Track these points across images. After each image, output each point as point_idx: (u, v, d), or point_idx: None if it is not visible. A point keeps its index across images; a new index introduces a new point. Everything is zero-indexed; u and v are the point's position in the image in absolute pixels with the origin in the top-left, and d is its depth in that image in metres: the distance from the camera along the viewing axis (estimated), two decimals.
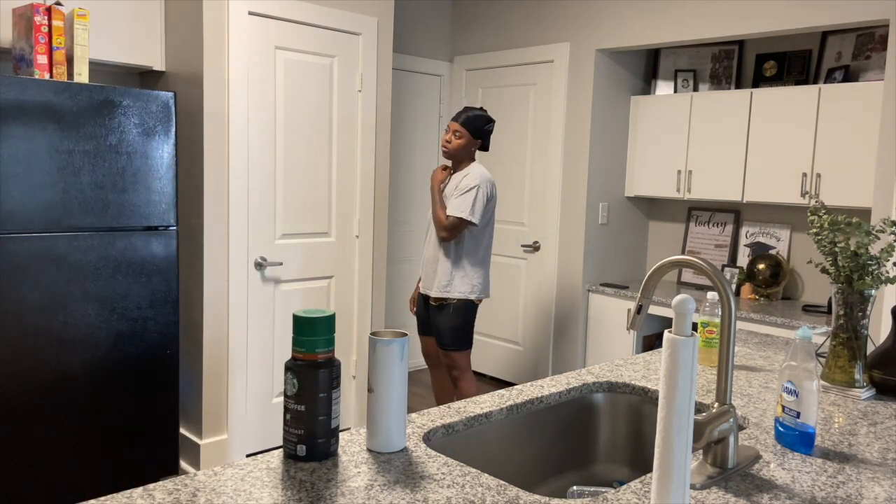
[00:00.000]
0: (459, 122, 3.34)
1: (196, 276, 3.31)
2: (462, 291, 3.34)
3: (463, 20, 5.04)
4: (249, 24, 3.32)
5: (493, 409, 1.59)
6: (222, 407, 3.38)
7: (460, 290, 3.34)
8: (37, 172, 2.64)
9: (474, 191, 3.27)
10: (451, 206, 3.29)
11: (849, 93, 3.55)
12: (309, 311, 1.29)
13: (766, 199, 3.88)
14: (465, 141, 3.33)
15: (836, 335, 1.79)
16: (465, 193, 3.27)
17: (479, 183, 3.29)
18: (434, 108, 5.09)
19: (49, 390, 2.73)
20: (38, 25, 2.73)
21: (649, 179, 4.44)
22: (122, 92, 2.85)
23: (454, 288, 3.33)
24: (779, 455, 1.39)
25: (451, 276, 3.33)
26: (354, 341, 3.87)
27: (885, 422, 1.62)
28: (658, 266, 1.32)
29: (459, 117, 3.35)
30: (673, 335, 1.08)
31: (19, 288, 2.63)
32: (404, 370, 1.33)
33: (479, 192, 3.28)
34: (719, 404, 1.31)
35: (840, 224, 1.73)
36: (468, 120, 3.34)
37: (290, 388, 1.27)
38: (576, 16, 4.39)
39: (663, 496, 1.07)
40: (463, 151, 3.35)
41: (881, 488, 1.25)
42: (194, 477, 1.20)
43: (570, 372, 1.92)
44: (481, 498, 1.16)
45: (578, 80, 4.38)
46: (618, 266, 4.64)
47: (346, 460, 1.29)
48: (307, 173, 3.59)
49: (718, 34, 3.82)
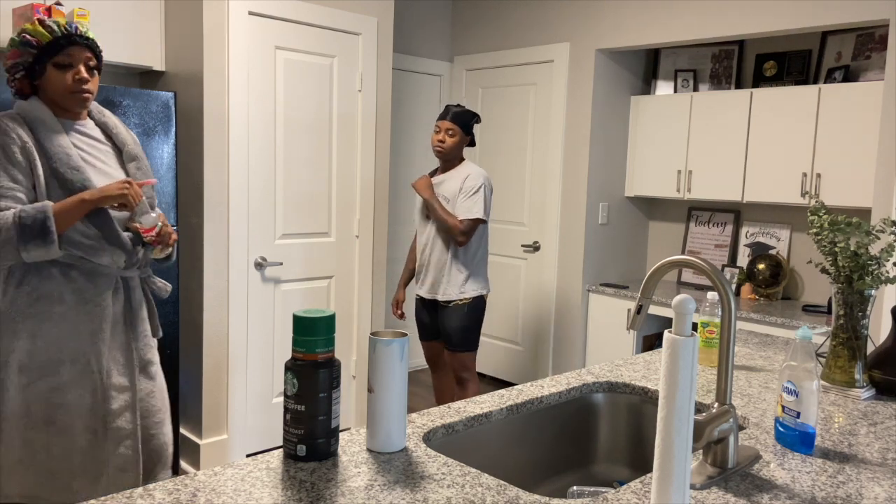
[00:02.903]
0: (449, 120, 3.29)
1: (196, 276, 3.31)
2: (475, 289, 3.34)
3: (463, 20, 5.04)
4: (249, 24, 3.32)
5: (493, 409, 1.59)
6: (222, 407, 3.38)
7: (473, 288, 3.34)
8: None
9: (481, 190, 3.27)
10: (463, 209, 3.26)
11: (849, 93, 3.55)
12: (309, 311, 1.29)
13: (766, 199, 3.88)
14: (458, 139, 3.31)
15: (836, 335, 1.79)
16: (475, 194, 3.26)
17: (483, 182, 3.29)
18: (434, 108, 5.09)
19: None
20: None
21: (649, 179, 4.44)
22: (122, 92, 2.85)
23: (468, 287, 3.33)
24: (779, 455, 1.39)
25: (465, 276, 3.32)
26: (354, 341, 3.87)
27: (885, 422, 1.62)
28: (658, 266, 1.32)
29: (447, 115, 3.30)
30: (673, 335, 1.08)
31: None
32: (404, 370, 1.33)
33: (484, 189, 3.29)
34: (719, 404, 1.31)
35: (840, 224, 1.73)
36: (457, 116, 3.30)
37: (290, 388, 1.27)
38: (576, 16, 4.39)
39: (663, 496, 1.07)
40: (457, 149, 3.33)
41: (881, 488, 1.25)
42: (194, 477, 1.20)
43: (570, 372, 1.92)
44: (481, 498, 1.16)
45: (578, 80, 4.38)
46: (618, 266, 4.64)
47: (346, 460, 1.29)
48: (307, 173, 3.59)
49: (718, 34, 3.82)
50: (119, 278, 2.02)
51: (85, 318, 1.94)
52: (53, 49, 1.91)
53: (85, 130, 2.02)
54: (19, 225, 1.79)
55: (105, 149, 2.05)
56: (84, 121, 2.04)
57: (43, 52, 1.91)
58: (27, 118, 1.91)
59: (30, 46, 1.90)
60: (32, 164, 1.86)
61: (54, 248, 1.84)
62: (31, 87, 1.97)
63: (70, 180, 1.89)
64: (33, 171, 1.86)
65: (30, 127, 1.89)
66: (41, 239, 1.80)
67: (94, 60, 1.98)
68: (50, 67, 1.92)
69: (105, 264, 1.95)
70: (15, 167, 1.84)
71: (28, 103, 1.94)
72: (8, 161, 1.83)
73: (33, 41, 1.90)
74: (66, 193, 1.88)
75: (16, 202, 1.83)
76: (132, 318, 2.06)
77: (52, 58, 1.91)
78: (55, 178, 1.88)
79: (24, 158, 1.85)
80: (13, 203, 1.83)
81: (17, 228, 1.78)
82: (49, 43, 1.90)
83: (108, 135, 2.10)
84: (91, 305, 1.95)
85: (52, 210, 1.82)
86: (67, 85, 1.93)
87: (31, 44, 1.90)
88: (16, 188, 1.84)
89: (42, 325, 1.91)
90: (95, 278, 1.96)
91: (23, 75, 1.94)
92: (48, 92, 1.94)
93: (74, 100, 1.95)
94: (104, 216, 1.92)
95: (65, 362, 1.93)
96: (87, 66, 1.96)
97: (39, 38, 1.90)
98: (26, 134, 1.87)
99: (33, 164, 1.86)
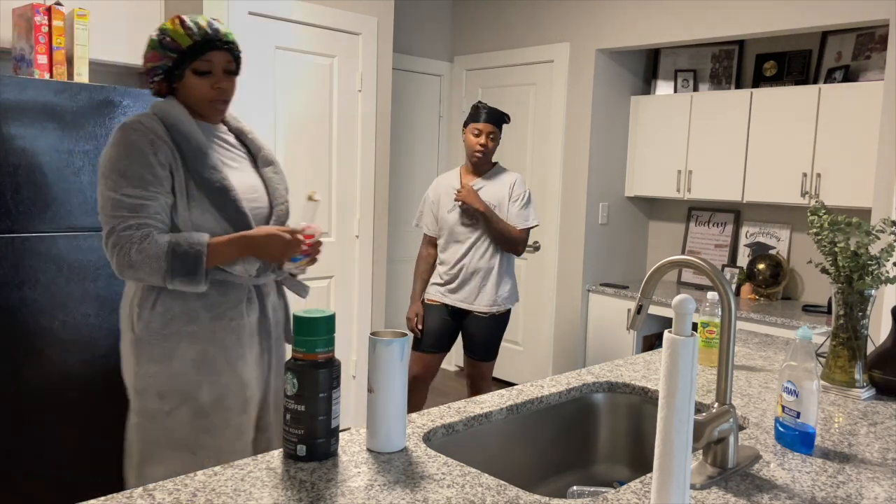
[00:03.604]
0: (493, 124, 3.17)
1: None
2: (515, 298, 3.30)
3: (463, 20, 5.04)
4: (249, 24, 3.32)
5: (493, 409, 1.59)
6: None
7: (514, 296, 3.29)
8: (37, 172, 2.64)
9: (528, 195, 3.24)
10: (521, 217, 3.19)
11: (849, 93, 3.55)
12: (309, 311, 1.29)
13: (766, 199, 3.88)
14: (498, 141, 3.24)
15: (836, 335, 1.79)
16: (527, 202, 3.22)
17: (527, 187, 3.26)
18: (434, 108, 5.09)
19: (49, 390, 2.73)
20: (38, 25, 2.73)
21: (649, 179, 4.44)
22: (122, 92, 2.85)
23: (511, 296, 3.28)
24: (779, 455, 1.39)
25: (510, 285, 3.27)
26: (354, 341, 3.87)
27: (885, 422, 1.62)
28: (658, 266, 1.32)
29: (491, 117, 3.16)
30: (673, 335, 1.08)
31: (19, 288, 2.63)
32: (404, 370, 1.33)
33: (531, 194, 3.25)
34: (719, 404, 1.31)
35: (840, 224, 1.73)
36: (498, 118, 3.19)
37: (290, 388, 1.27)
38: (576, 16, 4.39)
39: (663, 496, 1.07)
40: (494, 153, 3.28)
41: (881, 488, 1.25)
42: (194, 477, 1.20)
43: (570, 372, 1.92)
44: (481, 498, 1.16)
45: (578, 80, 4.38)
46: (618, 266, 4.64)
47: (346, 460, 1.29)
48: (307, 173, 3.59)
49: (718, 34, 3.82)
50: (251, 287, 1.91)
51: (220, 336, 1.84)
52: (193, 54, 1.80)
53: (220, 134, 1.94)
54: (171, 257, 1.71)
55: (240, 153, 1.98)
56: (219, 125, 1.97)
57: (183, 57, 1.80)
58: (164, 118, 1.81)
59: (169, 50, 1.80)
60: (172, 166, 1.77)
61: (200, 287, 1.75)
62: (169, 89, 1.88)
63: (208, 179, 1.79)
64: (173, 172, 1.77)
65: (166, 127, 1.80)
66: (191, 276, 1.72)
67: (233, 63, 1.88)
68: (189, 73, 1.82)
69: (237, 273, 1.85)
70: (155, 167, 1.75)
71: (165, 102, 1.85)
72: (147, 162, 1.74)
73: (172, 45, 1.79)
74: (204, 194, 1.79)
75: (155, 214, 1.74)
76: (266, 326, 1.95)
77: (192, 63, 1.80)
78: (193, 179, 1.79)
79: (164, 159, 1.76)
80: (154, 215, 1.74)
81: (169, 259, 1.71)
82: (189, 47, 1.79)
83: (242, 140, 2.02)
84: (225, 321, 1.85)
85: (206, 248, 1.74)
86: (206, 94, 1.84)
87: (170, 47, 1.79)
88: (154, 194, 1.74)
89: (177, 347, 1.81)
90: (227, 290, 1.85)
91: (161, 78, 1.85)
92: (186, 97, 1.86)
93: (212, 109, 1.87)
94: (237, 219, 1.83)
95: (202, 384, 1.83)
96: (225, 70, 1.86)
97: (179, 43, 1.79)
98: (165, 134, 1.78)
99: (173, 165, 1.77)
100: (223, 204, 1.81)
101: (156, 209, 1.75)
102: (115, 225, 1.73)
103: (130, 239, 1.71)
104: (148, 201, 1.74)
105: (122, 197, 1.73)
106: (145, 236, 1.72)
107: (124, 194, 1.73)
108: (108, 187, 1.74)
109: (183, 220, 1.79)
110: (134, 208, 1.73)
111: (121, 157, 1.74)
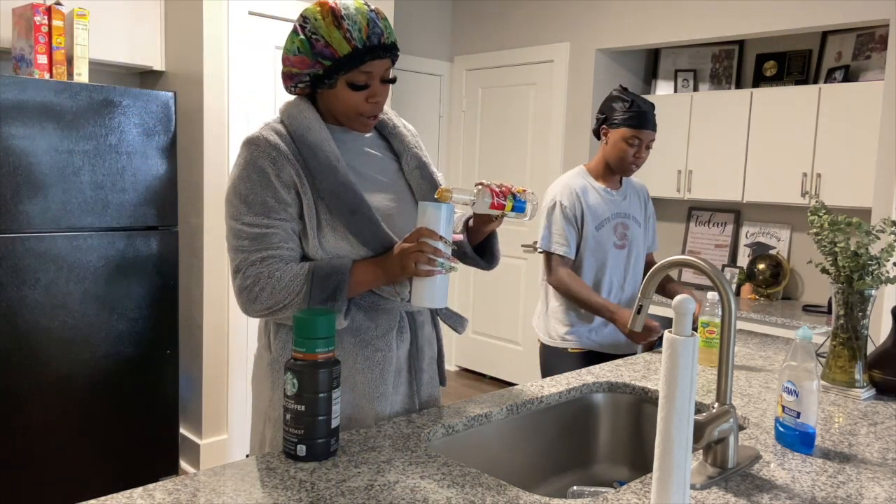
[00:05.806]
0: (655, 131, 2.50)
1: (196, 276, 3.30)
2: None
3: (463, 20, 5.04)
4: (249, 24, 3.32)
5: (493, 409, 1.59)
6: (222, 407, 3.38)
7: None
8: (36, 172, 2.64)
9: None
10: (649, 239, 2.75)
11: (849, 93, 3.55)
12: (309, 311, 1.29)
13: (766, 199, 3.88)
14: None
15: (836, 335, 1.79)
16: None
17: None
18: (434, 108, 5.09)
19: (49, 390, 2.73)
20: (38, 25, 2.73)
21: (649, 179, 4.43)
22: (122, 92, 2.85)
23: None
24: (779, 455, 1.39)
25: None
26: None
27: (885, 422, 1.62)
28: (658, 266, 1.32)
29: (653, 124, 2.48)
30: (673, 335, 1.08)
31: (19, 288, 2.63)
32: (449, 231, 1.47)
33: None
34: (719, 404, 1.31)
35: (840, 224, 1.73)
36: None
37: (290, 388, 1.27)
38: (576, 16, 4.39)
39: (663, 496, 1.07)
40: None
41: (881, 488, 1.25)
42: (194, 477, 1.20)
43: (570, 372, 1.92)
44: (481, 498, 1.16)
45: (578, 79, 4.38)
46: None
47: (346, 460, 1.29)
48: None
49: (718, 34, 3.82)
50: (404, 313, 1.62)
51: (363, 366, 1.56)
52: (350, 63, 1.47)
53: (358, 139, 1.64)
54: (312, 280, 1.45)
55: (380, 156, 1.65)
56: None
57: (338, 66, 1.47)
58: (291, 127, 1.53)
59: (322, 57, 1.47)
60: (298, 186, 1.50)
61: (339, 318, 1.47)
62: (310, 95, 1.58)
63: (338, 198, 1.50)
64: (299, 194, 1.50)
65: (293, 137, 1.52)
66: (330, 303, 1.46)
67: (390, 69, 1.56)
68: (341, 84, 1.50)
69: (386, 297, 1.56)
70: (279, 191, 1.48)
71: (294, 105, 1.55)
72: (269, 184, 1.48)
73: (327, 52, 1.46)
74: (333, 218, 1.50)
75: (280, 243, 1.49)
76: (418, 363, 1.65)
77: (347, 73, 1.48)
78: (322, 199, 1.50)
79: (287, 180, 1.49)
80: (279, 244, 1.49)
81: (310, 283, 1.45)
82: (347, 55, 1.46)
83: (384, 138, 1.70)
84: (370, 350, 1.56)
85: (349, 276, 1.47)
86: (359, 107, 1.53)
87: (323, 54, 1.47)
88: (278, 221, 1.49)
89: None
90: (376, 315, 1.57)
91: (306, 85, 1.53)
92: (330, 105, 1.55)
93: (361, 122, 1.57)
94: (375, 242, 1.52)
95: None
96: (383, 80, 1.53)
97: (335, 50, 1.46)
98: (290, 148, 1.50)
99: (299, 185, 1.50)
100: (358, 228, 1.51)
101: (282, 237, 1.50)
102: (239, 263, 1.50)
103: (258, 279, 1.47)
104: (271, 229, 1.49)
105: (244, 227, 1.49)
106: (272, 273, 1.47)
107: (245, 223, 1.49)
108: (230, 215, 1.52)
109: (313, 248, 1.52)
110: (256, 238, 1.48)
111: (241, 180, 1.50)
